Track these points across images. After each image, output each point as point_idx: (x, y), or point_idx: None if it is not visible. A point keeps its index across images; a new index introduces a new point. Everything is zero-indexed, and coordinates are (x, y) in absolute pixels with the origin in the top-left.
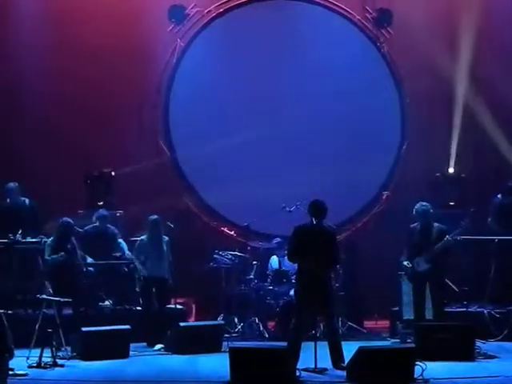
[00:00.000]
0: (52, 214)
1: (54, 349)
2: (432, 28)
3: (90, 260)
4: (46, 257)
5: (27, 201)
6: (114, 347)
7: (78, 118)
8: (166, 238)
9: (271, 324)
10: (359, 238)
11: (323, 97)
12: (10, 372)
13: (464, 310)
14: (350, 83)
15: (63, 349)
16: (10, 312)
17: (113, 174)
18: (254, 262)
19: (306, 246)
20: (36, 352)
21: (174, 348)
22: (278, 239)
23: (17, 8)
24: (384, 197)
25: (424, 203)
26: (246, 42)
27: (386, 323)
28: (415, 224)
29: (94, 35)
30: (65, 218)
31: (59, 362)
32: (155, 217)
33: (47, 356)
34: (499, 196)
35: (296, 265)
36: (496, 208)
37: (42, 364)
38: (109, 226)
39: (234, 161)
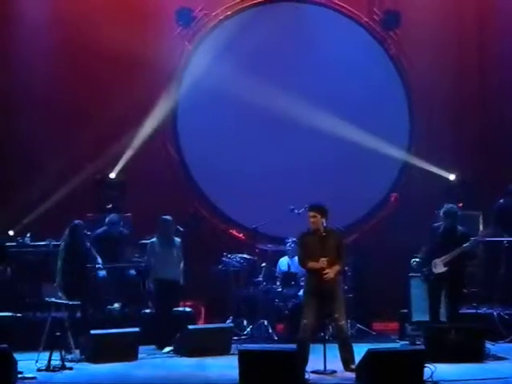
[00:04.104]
0: (62, 217)
1: (62, 352)
2: (440, 29)
3: (99, 262)
4: (59, 261)
5: (124, 231)
6: (123, 350)
7: (86, 122)
8: (178, 240)
9: (280, 326)
10: (368, 240)
11: (331, 99)
12: (19, 375)
13: (474, 311)
14: (357, 85)
15: (72, 352)
16: (19, 315)
17: (112, 176)
18: (263, 265)
19: (312, 250)
20: (45, 355)
21: (182, 351)
22: (293, 238)
23: (22, 14)
24: (392, 198)
25: (451, 205)
26: (253, 44)
27: (395, 325)
28: (438, 224)
29: (101, 38)
30: (75, 221)
31: (68, 365)
32: (166, 217)
33: (56, 359)
34: (502, 201)
35: None
36: (499, 212)
37: (51, 367)
38: (121, 229)
39: (243, 164)
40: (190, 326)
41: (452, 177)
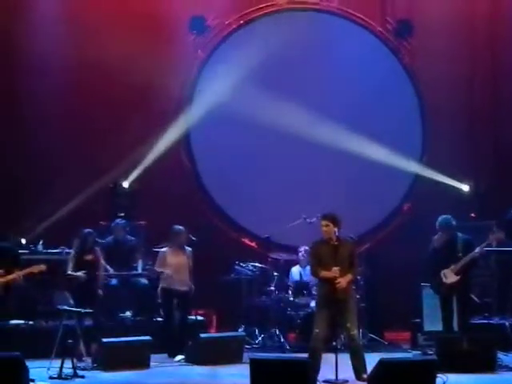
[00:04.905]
0: (74, 225)
1: (74, 360)
2: (452, 38)
3: (111, 271)
4: (69, 268)
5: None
6: (135, 358)
7: (98, 130)
8: (190, 249)
9: (292, 335)
10: (380, 250)
11: (344, 108)
12: (31, 383)
13: (486, 321)
14: (371, 94)
15: (84, 360)
16: (31, 323)
17: (125, 185)
18: (275, 274)
19: (324, 259)
20: (57, 363)
21: (194, 359)
22: (305, 247)
23: (34, 19)
24: (405, 208)
25: (445, 216)
26: (266, 53)
27: (407, 335)
28: (437, 236)
29: (115, 47)
30: (85, 229)
31: (80, 373)
32: (178, 227)
33: (68, 367)
34: None
35: None
36: (509, 224)
37: (63, 375)
38: (129, 237)
39: (256, 172)
40: (202, 335)
41: (465, 187)
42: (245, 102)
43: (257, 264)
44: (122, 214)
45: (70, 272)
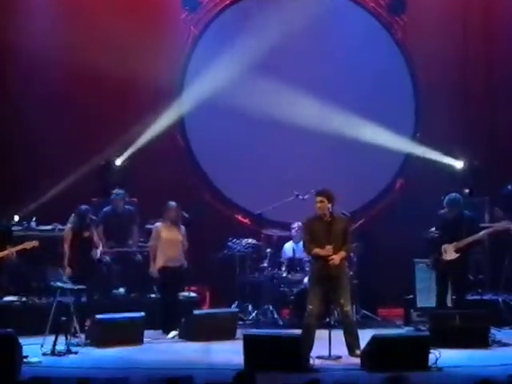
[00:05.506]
0: (66, 202)
1: (68, 336)
2: (446, 14)
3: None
4: (66, 246)
5: (130, 208)
6: (128, 334)
7: (91, 107)
8: (183, 228)
9: (285, 312)
10: (374, 226)
11: (337, 84)
12: (24, 359)
13: (479, 297)
14: (363, 70)
15: (77, 336)
16: (24, 299)
17: (118, 163)
18: (268, 250)
19: (317, 236)
20: (50, 339)
21: (188, 335)
22: (298, 223)
23: (26, 6)
24: (397, 185)
25: (453, 194)
26: (259, 29)
27: (400, 311)
28: (444, 211)
29: (107, 23)
30: (83, 206)
31: (73, 349)
32: (172, 203)
33: (61, 343)
34: (510, 187)
35: None
36: (507, 198)
37: (56, 351)
38: (127, 207)
39: (248, 149)
40: (196, 311)
41: (459, 164)
42: (238, 82)
43: (250, 240)
44: (114, 191)
45: (66, 247)
